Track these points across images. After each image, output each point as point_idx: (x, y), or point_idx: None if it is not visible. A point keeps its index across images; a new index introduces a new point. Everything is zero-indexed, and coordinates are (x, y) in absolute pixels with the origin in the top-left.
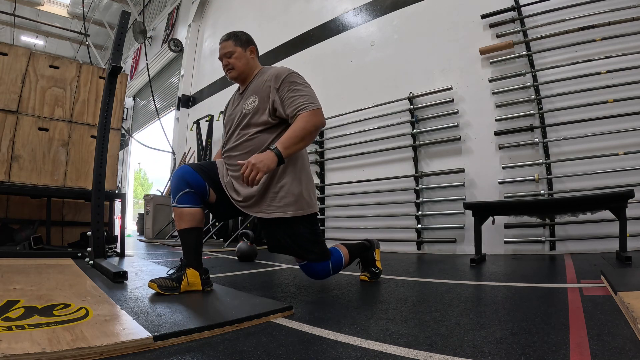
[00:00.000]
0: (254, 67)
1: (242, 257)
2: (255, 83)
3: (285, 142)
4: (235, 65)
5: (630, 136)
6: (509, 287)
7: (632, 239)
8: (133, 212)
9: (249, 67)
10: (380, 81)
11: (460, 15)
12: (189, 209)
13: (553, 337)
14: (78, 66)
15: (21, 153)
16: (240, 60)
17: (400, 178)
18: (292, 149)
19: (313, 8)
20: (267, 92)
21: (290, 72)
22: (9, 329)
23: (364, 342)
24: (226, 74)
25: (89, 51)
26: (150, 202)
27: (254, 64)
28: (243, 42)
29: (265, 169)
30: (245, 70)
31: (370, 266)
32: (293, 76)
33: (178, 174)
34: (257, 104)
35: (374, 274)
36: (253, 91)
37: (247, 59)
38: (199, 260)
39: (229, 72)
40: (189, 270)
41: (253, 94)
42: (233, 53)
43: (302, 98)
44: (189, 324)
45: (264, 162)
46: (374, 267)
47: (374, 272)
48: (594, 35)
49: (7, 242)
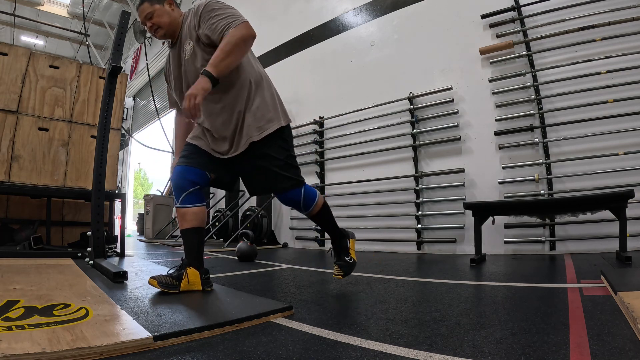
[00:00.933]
0: (177, 16)
1: (242, 257)
2: (184, 30)
3: (212, 61)
4: (160, 23)
5: (630, 136)
6: (509, 287)
7: (632, 239)
8: (133, 212)
9: (172, 19)
10: (380, 81)
11: (460, 15)
12: (193, 208)
13: (553, 337)
14: (78, 66)
15: (21, 153)
16: (162, 17)
17: (400, 178)
18: (222, 65)
19: (313, 8)
20: (195, 31)
21: (206, 2)
22: (9, 329)
23: (364, 342)
24: (154, 36)
25: (89, 51)
26: (150, 202)
27: (176, 14)
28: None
29: (201, 92)
30: (171, 22)
31: (344, 254)
32: (210, 4)
33: (178, 174)
34: (193, 47)
35: (347, 264)
36: (186, 38)
37: (168, 13)
38: (200, 260)
39: (157, 32)
40: (190, 269)
41: (187, 40)
42: (153, 13)
43: (223, 20)
44: (189, 324)
45: (197, 87)
46: (347, 256)
47: (347, 261)
48: (594, 35)
49: (7, 242)
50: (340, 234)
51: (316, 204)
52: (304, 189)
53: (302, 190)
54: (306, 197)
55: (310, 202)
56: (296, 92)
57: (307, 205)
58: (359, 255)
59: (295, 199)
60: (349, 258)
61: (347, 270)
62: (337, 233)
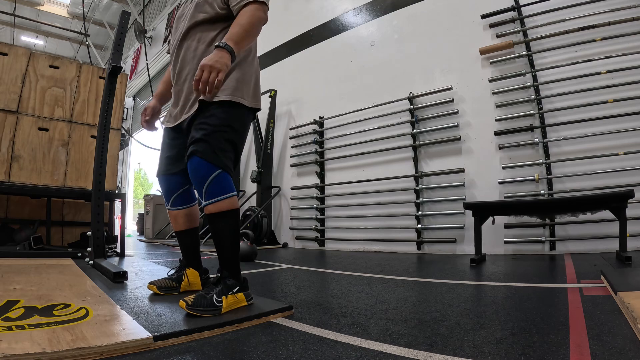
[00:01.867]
0: None
1: (242, 257)
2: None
3: (234, 37)
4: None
5: (630, 136)
6: (509, 287)
7: (632, 239)
8: (133, 212)
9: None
10: (380, 81)
11: (460, 15)
12: (183, 210)
13: (553, 337)
14: (78, 66)
15: (21, 153)
16: None
17: (400, 178)
18: (242, 44)
19: (313, 8)
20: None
21: None
22: (9, 329)
23: (364, 342)
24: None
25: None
26: (150, 202)
27: None
28: None
29: (224, 67)
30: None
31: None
32: None
33: (163, 184)
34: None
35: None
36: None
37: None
38: (198, 260)
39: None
40: (189, 270)
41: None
42: None
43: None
44: (189, 324)
45: (220, 61)
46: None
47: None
48: (594, 35)
49: (7, 242)
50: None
51: (223, 201)
52: (220, 173)
53: (215, 170)
54: (216, 182)
55: (217, 191)
56: (296, 92)
57: (212, 192)
58: (359, 255)
59: (201, 173)
60: (217, 300)
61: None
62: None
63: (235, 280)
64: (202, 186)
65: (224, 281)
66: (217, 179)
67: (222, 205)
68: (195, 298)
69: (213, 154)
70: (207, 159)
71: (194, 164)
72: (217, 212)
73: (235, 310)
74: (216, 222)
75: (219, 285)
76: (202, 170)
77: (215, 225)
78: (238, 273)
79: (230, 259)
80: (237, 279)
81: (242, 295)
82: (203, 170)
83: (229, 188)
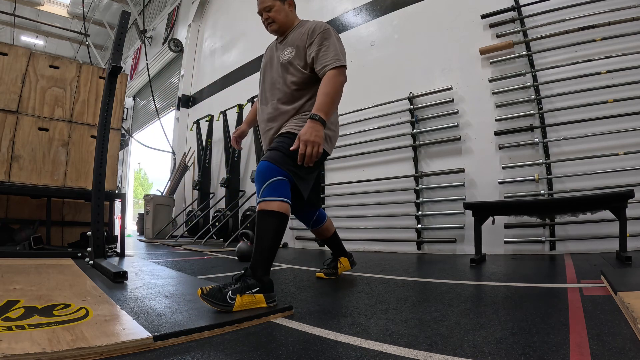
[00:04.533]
0: (293, 19)
1: (242, 257)
2: (293, 35)
3: (323, 107)
4: (275, 18)
5: (630, 136)
6: (509, 287)
7: (632, 239)
8: (133, 212)
9: (288, 20)
10: (380, 81)
11: (460, 15)
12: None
13: (553, 337)
14: (78, 66)
15: (21, 153)
16: (280, 14)
17: (400, 178)
18: (330, 113)
19: (313, 8)
20: (303, 44)
21: (325, 28)
22: (9, 329)
23: (364, 342)
24: (266, 27)
25: (89, 51)
26: (150, 202)
27: (292, 16)
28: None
29: (321, 141)
30: (286, 22)
31: (240, 290)
32: (328, 32)
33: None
34: (293, 55)
35: (222, 298)
36: (290, 42)
37: (286, 12)
38: (343, 250)
39: (270, 25)
40: (341, 258)
41: (290, 46)
42: (272, 7)
43: (330, 54)
44: (189, 324)
45: (316, 135)
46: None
47: (226, 297)
48: (594, 35)
49: (7, 242)
50: (264, 270)
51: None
52: (281, 179)
53: (280, 173)
54: (276, 185)
55: (274, 191)
56: None
57: (271, 191)
58: (359, 255)
59: (264, 171)
60: (231, 297)
61: (212, 297)
62: (264, 266)
63: (258, 280)
64: (262, 182)
65: (245, 279)
66: (278, 182)
67: (271, 206)
68: (211, 289)
69: (278, 156)
70: (272, 160)
71: (262, 164)
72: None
73: (235, 311)
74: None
75: (238, 282)
76: (263, 170)
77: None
78: (265, 273)
79: (265, 259)
80: (260, 279)
81: (261, 297)
82: (264, 170)
83: (285, 190)
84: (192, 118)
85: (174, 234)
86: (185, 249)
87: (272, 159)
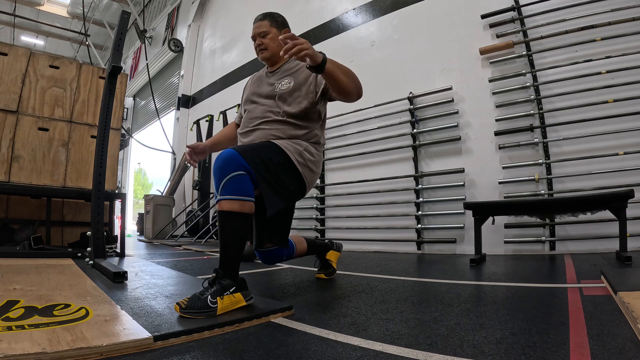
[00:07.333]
0: None
1: (242, 257)
2: (289, 65)
3: (333, 61)
4: (268, 46)
5: (630, 136)
6: (509, 287)
7: (632, 239)
8: (133, 212)
9: (281, 49)
10: (380, 81)
11: (460, 15)
12: (296, 251)
13: (553, 337)
14: (78, 66)
15: (21, 153)
16: (275, 42)
17: (400, 178)
18: (335, 71)
19: (313, 8)
20: (305, 77)
21: None
22: (9, 329)
23: (364, 342)
24: (258, 54)
25: (89, 51)
26: (150, 202)
27: None
28: (279, 24)
29: (311, 50)
30: (279, 51)
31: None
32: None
33: None
34: (292, 86)
35: (204, 304)
36: (287, 73)
37: (280, 42)
38: (324, 246)
39: (262, 52)
40: (328, 254)
41: (288, 76)
42: (268, 33)
43: None
44: (189, 324)
45: (312, 48)
46: (215, 297)
47: (207, 301)
48: (594, 35)
49: (7, 242)
50: (234, 269)
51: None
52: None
53: (242, 167)
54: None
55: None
56: None
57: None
58: (359, 255)
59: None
60: (212, 301)
61: (192, 307)
62: (232, 266)
63: (232, 280)
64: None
65: (219, 281)
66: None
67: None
68: (189, 300)
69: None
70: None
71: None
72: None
73: (234, 311)
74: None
75: (214, 285)
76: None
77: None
78: (235, 273)
79: (232, 259)
80: (233, 279)
81: (239, 295)
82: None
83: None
84: (192, 118)
85: (174, 234)
86: (185, 249)
87: (238, 149)
